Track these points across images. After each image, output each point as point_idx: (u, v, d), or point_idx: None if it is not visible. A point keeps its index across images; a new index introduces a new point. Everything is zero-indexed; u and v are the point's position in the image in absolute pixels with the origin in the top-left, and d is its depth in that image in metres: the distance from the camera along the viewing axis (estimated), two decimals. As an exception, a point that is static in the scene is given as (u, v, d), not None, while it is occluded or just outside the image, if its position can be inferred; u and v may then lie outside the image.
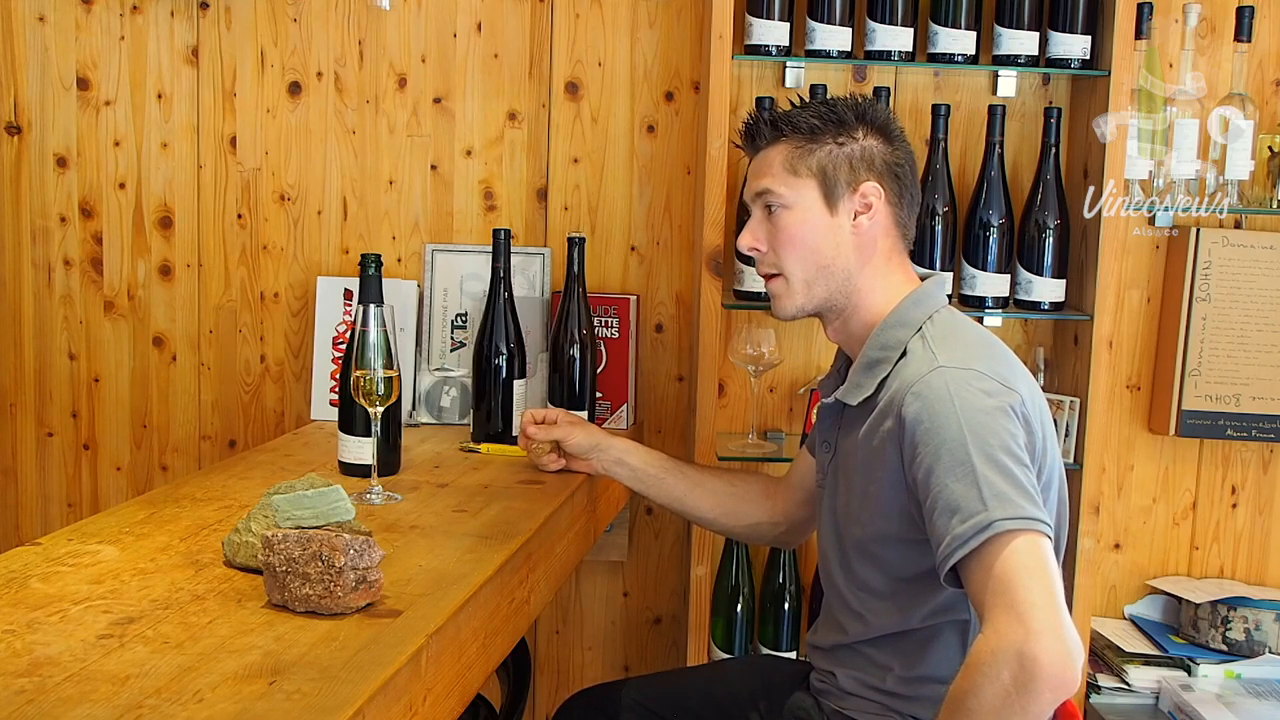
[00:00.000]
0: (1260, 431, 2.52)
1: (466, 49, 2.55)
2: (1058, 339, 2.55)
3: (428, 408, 2.45)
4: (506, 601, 1.63)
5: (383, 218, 2.59)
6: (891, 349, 1.62)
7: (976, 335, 1.64)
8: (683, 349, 2.60)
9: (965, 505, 1.40)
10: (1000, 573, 1.35)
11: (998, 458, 1.43)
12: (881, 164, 1.66)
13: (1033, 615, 1.31)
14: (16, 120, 2.58)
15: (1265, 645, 2.45)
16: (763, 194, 1.68)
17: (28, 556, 1.53)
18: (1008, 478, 1.41)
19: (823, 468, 1.76)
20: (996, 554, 1.36)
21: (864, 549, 1.62)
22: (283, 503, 1.52)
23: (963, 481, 1.42)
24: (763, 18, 2.32)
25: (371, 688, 1.18)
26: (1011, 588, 1.33)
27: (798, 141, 1.66)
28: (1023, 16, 2.33)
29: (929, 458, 1.46)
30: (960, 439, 1.44)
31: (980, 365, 1.53)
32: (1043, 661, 1.28)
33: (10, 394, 2.65)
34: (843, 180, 1.64)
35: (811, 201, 1.65)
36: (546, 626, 2.68)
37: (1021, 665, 1.29)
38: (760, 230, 1.69)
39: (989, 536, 1.37)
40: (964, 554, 1.39)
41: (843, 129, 1.66)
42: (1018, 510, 1.38)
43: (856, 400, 1.63)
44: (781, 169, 1.66)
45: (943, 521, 1.42)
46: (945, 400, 1.48)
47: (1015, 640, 1.30)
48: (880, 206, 1.65)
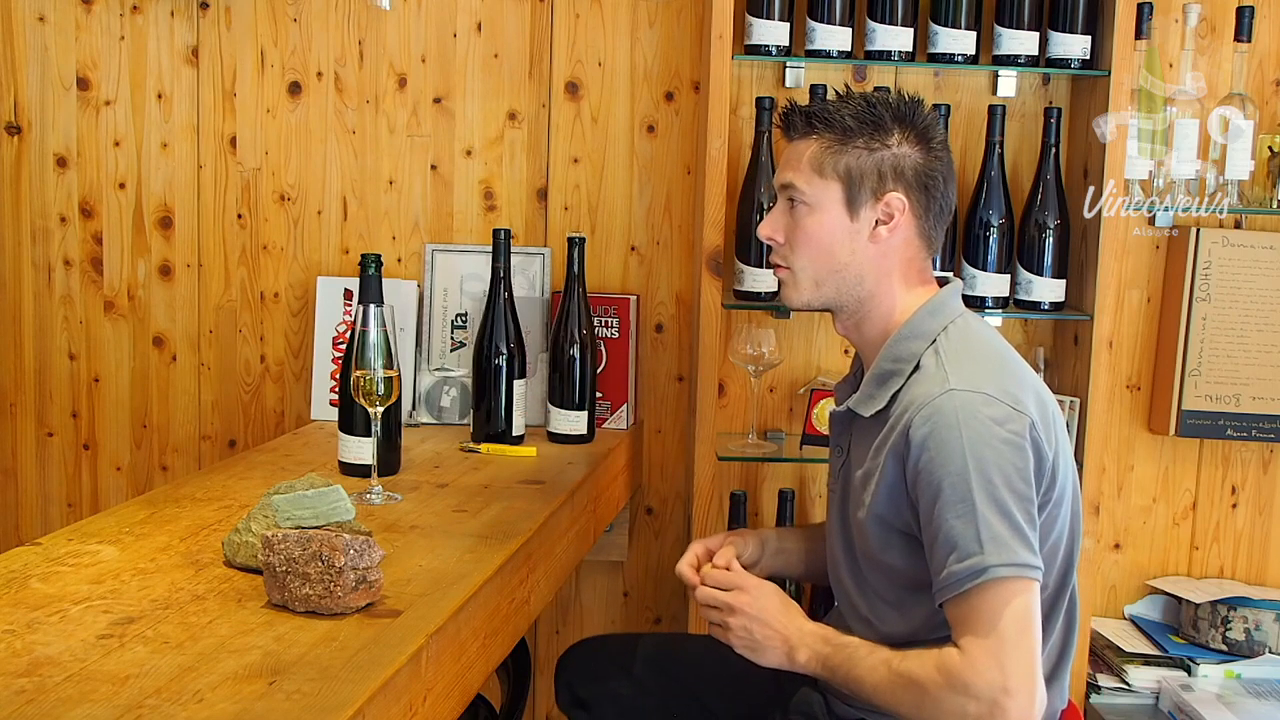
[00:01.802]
0: (1260, 431, 2.52)
1: (466, 49, 2.55)
2: (1058, 339, 2.55)
3: (428, 408, 2.45)
4: (506, 601, 1.63)
5: (383, 218, 2.59)
6: (905, 361, 1.61)
7: (990, 349, 1.63)
8: (683, 349, 2.60)
9: (962, 545, 1.46)
10: (989, 618, 1.44)
11: (999, 496, 1.46)
12: (912, 174, 1.62)
13: (1014, 673, 1.43)
14: (16, 120, 2.58)
15: (1265, 645, 2.45)
16: (788, 187, 1.66)
17: (28, 556, 1.53)
18: (1006, 519, 1.46)
19: (834, 473, 1.76)
20: (987, 600, 1.45)
21: (873, 557, 1.62)
22: (283, 503, 1.52)
23: (963, 519, 1.46)
24: (763, 18, 2.32)
25: (371, 688, 1.18)
26: (998, 637, 1.44)
27: (829, 140, 1.62)
28: (1023, 16, 2.33)
29: (932, 488, 1.49)
30: (964, 474, 1.47)
31: (990, 387, 1.52)
32: (1015, 715, 1.42)
33: (10, 394, 2.65)
34: (868, 188, 1.61)
35: (833, 204, 1.63)
36: (546, 626, 2.68)
37: (992, 715, 1.43)
38: (780, 222, 1.68)
39: (981, 582, 1.44)
40: (956, 592, 1.46)
41: (877, 133, 1.61)
42: (1012, 557, 1.45)
43: (869, 412, 1.63)
44: (808, 166, 1.63)
45: (940, 555, 1.48)
46: (953, 429, 1.49)
47: (991, 686, 1.42)
48: (903, 219, 1.62)
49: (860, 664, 1.55)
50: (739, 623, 1.65)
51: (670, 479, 2.64)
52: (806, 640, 1.61)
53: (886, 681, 1.51)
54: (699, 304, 2.38)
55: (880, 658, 1.54)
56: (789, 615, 1.64)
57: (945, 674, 1.45)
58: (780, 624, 1.63)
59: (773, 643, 1.63)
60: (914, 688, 1.48)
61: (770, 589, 1.68)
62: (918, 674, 1.48)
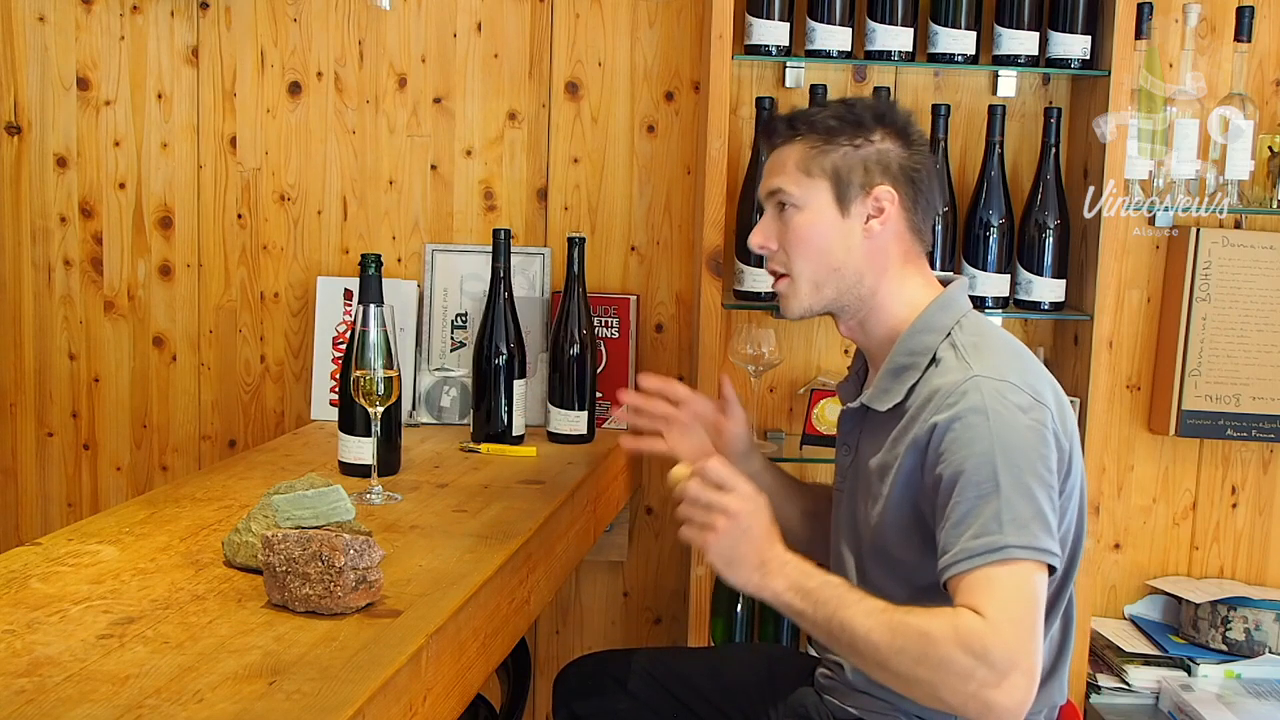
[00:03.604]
0: (1260, 431, 2.52)
1: (466, 49, 2.55)
2: (1058, 339, 2.55)
3: (428, 408, 2.45)
4: (506, 601, 1.63)
5: (383, 218, 2.59)
6: (920, 355, 1.61)
7: (1005, 342, 1.64)
8: (683, 349, 2.60)
9: (982, 523, 1.42)
10: (1006, 593, 1.39)
11: (1024, 481, 1.45)
12: (897, 168, 1.64)
13: (1028, 653, 1.38)
14: (16, 120, 2.58)
15: (1265, 645, 2.45)
16: (775, 193, 1.67)
17: (28, 556, 1.53)
18: (1030, 503, 1.44)
19: (842, 470, 1.75)
20: (1004, 576, 1.40)
21: (881, 555, 1.62)
22: (283, 503, 1.52)
23: (985, 500, 1.44)
24: (763, 18, 2.32)
25: (371, 688, 1.18)
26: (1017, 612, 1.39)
27: (813, 141, 1.64)
28: (1023, 16, 2.33)
29: (954, 467, 1.46)
30: (989, 455, 1.45)
31: (1014, 376, 1.52)
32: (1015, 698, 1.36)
33: (10, 394, 2.65)
34: (856, 183, 1.62)
35: (823, 203, 1.63)
36: (546, 626, 2.68)
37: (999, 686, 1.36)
38: (771, 229, 1.68)
39: (998, 559, 1.40)
40: (970, 567, 1.41)
41: (859, 131, 1.63)
42: (1032, 539, 1.42)
43: (885, 406, 1.62)
44: (795, 168, 1.65)
45: (955, 533, 1.44)
46: (979, 412, 1.48)
47: (1008, 657, 1.36)
48: (893, 211, 1.64)
49: (851, 606, 1.43)
50: (727, 528, 1.50)
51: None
52: (787, 569, 1.49)
53: (885, 628, 1.40)
54: (699, 304, 2.38)
55: (876, 604, 1.43)
56: (772, 539, 1.52)
57: (964, 633, 1.36)
58: (763, 544, 1.51)
59: (749, 561, 1.50)
60: (921, 639, 1.38)
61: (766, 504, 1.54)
62: (927, 627, 1.38)
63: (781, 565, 1.49)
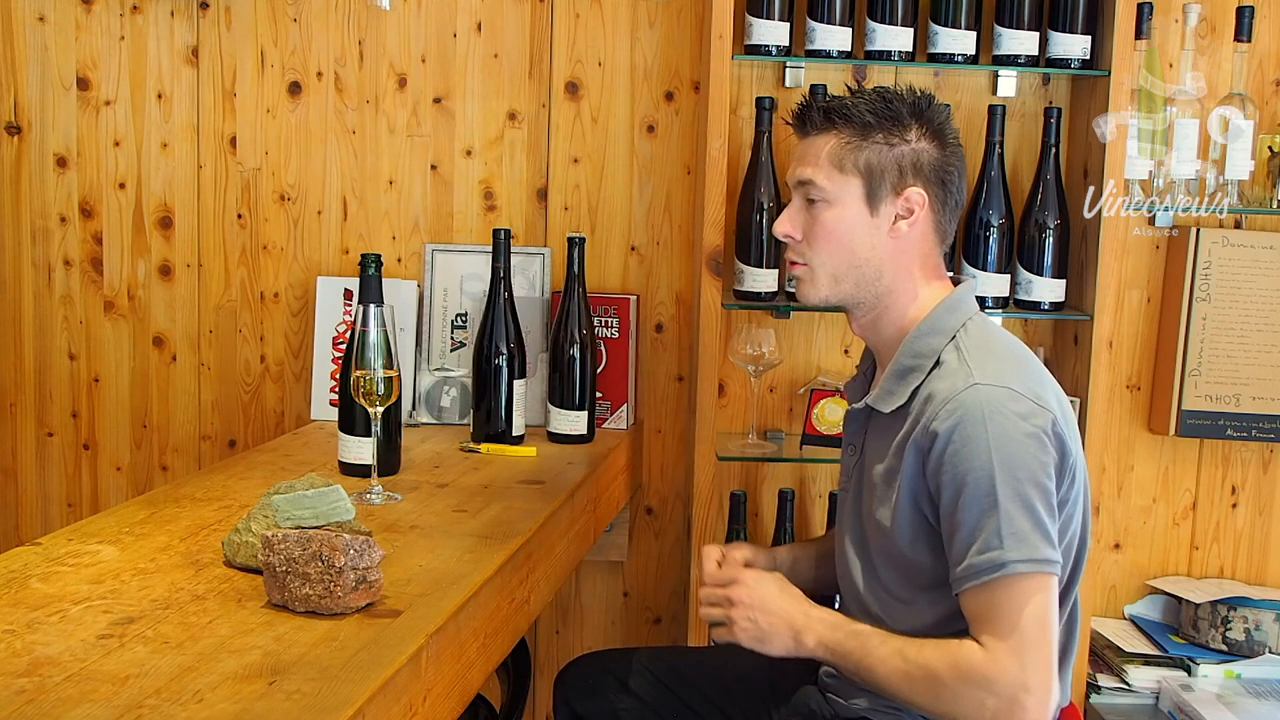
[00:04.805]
0: (1260, 431, 2.52)
1: (466, 49, 2.55)
2: (1058, 339, 2.55)
3: (428, 408, 2.45)
4: (506, 601, 1.63)
5: (383, 218, 2.59)
6: (925, 357, 1.61)
7: (1009, 346, 1.64)
8: (683, 349, 2.60)
9: (984, 538, 1.47)
10: (1009, 615, 1.46)
11: (1023, 492, 1.47)
12: (930, 169, 1.63)
13: (1034, 670, 1.45)
14: (16, 120, 2.58)
15: (1265, 645, 2.45)
16: (805, 183, 1.65)
17: (28, 556, 1.53)
18: (1029, 514, 1.47)
19: (847, 471, 1.75)
20: (1007, 596, 1.46)
21: (888, 555, 1.62)
22: (283, 503, 1.52)
23: (986, 514, 1.47)
24: (763, 18, 2.32)
25: (371, 688, 1.18)
26: (1019, 634, 1.45)
27: (848, 136, 1.62)
28: (1023, 16, 2.33)
29: (956, 481, 1.49)
30: (988, 469, 1.47)
31: (1015, 383, 1.52)
32: (1032, 715, 1.45)
33: (10, 394, 2.65)
34: (888, 183, 1.61)
35: (853, 200, 1.62)
36: (546, 626, 2.68)
37: (1011, 711, 1.44)
38: (798, 220, 1.66)
39: (1000, 576, 1.46)
40: (976, 584, 1.47)
41: (896, 128, 1.62)
42: (1033, 552, 1.46)
43: (889, 408, 1.62)
44: (828, 162, 1.63)
45: (961, 547, 1.49)
46: (978, 423, 1.49)
47: (1012, 683, 1.44)
48: (922, 213, 1.63)
49: (873, 653, 1.55)
50: (741, 614, 1.64)
51: (670, 479, 2.64)
52: (813, 625, 1.61)
53: (901, 672, 1.52)
54: (699, 304, 2.38)
55: (894, 647, 1.54)
56: (791, 600, 1.64)
57: (965, 669, 1.46)
58: (783, 609, 1.63)
59: (778, 629, 1.62)
60: (931, 680, 1.49)
61: (768, 577, 1.67)
62: (935, 667, 1.49)
63: (808, 622, 1.61)
